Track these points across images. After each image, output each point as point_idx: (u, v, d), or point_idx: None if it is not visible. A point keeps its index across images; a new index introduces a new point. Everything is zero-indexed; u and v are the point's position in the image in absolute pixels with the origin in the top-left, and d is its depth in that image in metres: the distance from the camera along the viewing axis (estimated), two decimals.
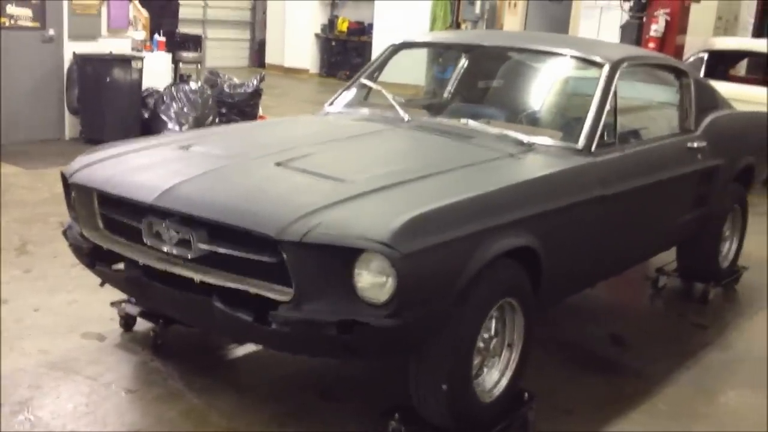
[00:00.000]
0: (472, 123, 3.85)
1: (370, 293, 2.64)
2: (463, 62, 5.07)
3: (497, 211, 2.99)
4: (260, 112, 9.24)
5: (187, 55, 10.51)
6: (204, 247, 2.83)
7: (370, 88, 4.42)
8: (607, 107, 3.77)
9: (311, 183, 2.95)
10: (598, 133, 3.68)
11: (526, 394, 3.29)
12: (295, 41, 17.01)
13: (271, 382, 3.56)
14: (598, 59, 3.96)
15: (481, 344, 3.05)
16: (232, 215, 2.74)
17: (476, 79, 4.95)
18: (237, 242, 2.77)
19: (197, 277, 2.84)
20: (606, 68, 3.89)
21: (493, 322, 3.12)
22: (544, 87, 4.36)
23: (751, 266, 5.40)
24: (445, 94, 5.14)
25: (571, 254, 3.47)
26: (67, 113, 8.33)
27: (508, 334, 3.20)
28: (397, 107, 4.03)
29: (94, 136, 8.15)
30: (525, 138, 3.66)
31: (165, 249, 2.92)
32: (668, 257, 5.01)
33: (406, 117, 3.97)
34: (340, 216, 2.70)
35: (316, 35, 17.14)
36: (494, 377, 3.16)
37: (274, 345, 3.02)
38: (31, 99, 8.03)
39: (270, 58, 17.53)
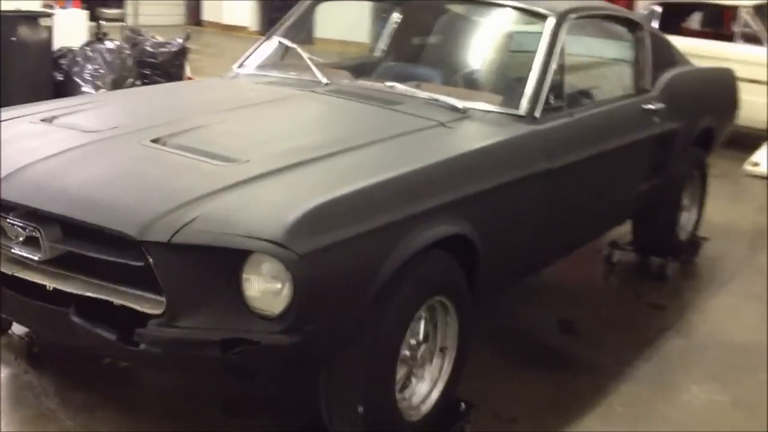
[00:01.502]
0: (399, 86, 3.32)
1: (262, 303, 2.12)
2: (395, 17, 4.53)
3: (422, 195, 2.48)
4: (188, 73, 8.56)
5: (107, 11, 9.71)
6: (57, 246, 2.28)
7: (287, 48, 3.86)
8: (553, 66, 3.27)
9: (191, 165, 2.40)
10: (543, 96, 3.18)
11: (463, 405, 2.82)
12: None
13: (165, 396, 3.04)
14: (541, 11, 3.43)
15: (406, 352, 2.56)
16: (83, 209, 2.19)
17: (409, 36, 4.41)
18: (96, 241, 2.22)
19: (49, 283, 2.29)
20: (551, 21, 3.37)
21: (422, 324, 2.63)
22: (482, 44, 3.84)
23: (712, 236, 5.00)
24: (377, 53, 4.61)
25: (513, 239, 2.99)
26: None
27: (440, 337, 2.71)
28: (314, 69, 3.47)
29: (2, 100, 7.42)
30: (459, 103, 3.14)
31: (14, 249, 2.36)
32: (623, 230, 4.58)
33: (324, 80, 3.42)
34: (224, 207, 2.16)
35: None
36: (424, 390, 2.68)
37: (148, 366, 2.50)
38: None
39: (207, 14, 16.67)
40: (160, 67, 8.06)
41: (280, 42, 3.79)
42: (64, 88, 7.51)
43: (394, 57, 4.46)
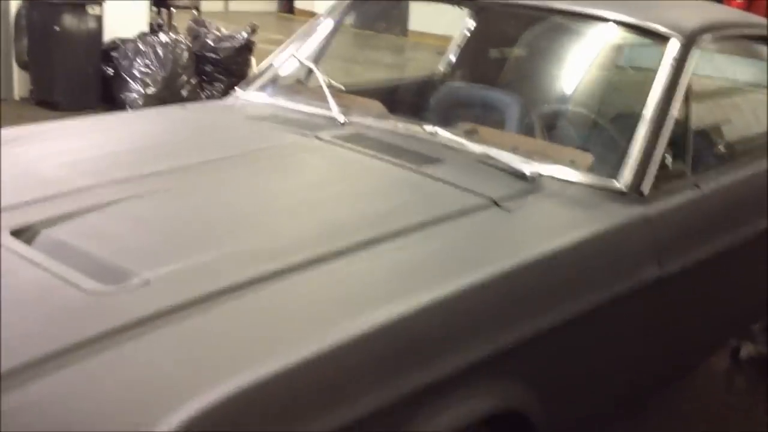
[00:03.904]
0: (442, 134, 2.29)
1: None
2: (468, 24, 3.50)
3: (447, 347, 1.48)
4: (255, 70, 7.71)
5: None
6: None
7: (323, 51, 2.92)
8: (674, 113, 2.18)
9: (49, 286, 1.45)
10: (655, 162, 2.10)
11: None
12: None
13: None
14: (661, 29, 2.33)
15: None
16: None
17: (482, 51, 3.37)
18: None
19: None
20: (674, 44, 2.27)
21: None
22: (571, 72, 2.74)
23: None
24: (442, 66, 3.60)
25: (593, 394, 1.93)
26: (16, 68, 6.94)
27: None
28: (331, 101, 2.48)
29: (45, 96, 6.77)
30: (526, 166, 2.09)
31: None
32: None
33: (341, 118, 2.43)
34: (66, 385, 1.22)
35: None
36: None
37: None
38: None
39: (300, 2, 15.88)
40: (221, 63, 7.26)
41: (295, 58, 2.81)
42: (115, 85, 6.81)
43: (461, 74, 3.44)
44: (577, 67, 2.79)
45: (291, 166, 2.14)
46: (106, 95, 6.83)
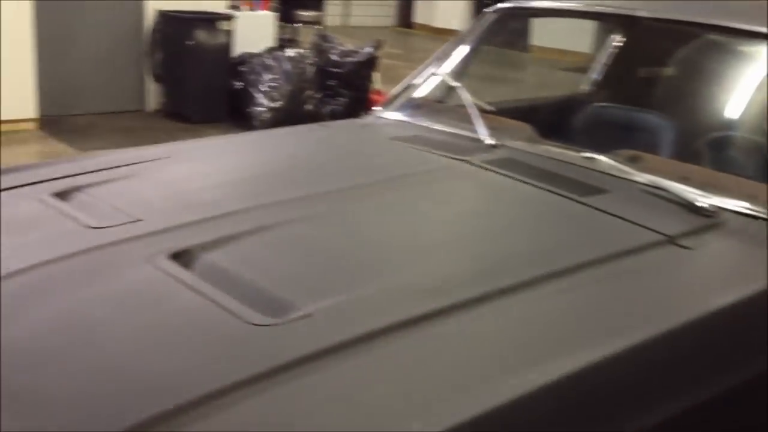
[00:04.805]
0: (602, 161, 2.12)
1: None
2: (615, 40, 3.30)
3: (628, 403, 1.34)
4: (377, 85, 7.69)
5: (304, 14, 9.06)
6: None
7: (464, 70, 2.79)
8: None
9: (213, 316, 1.37)
10: None
11: None
12: None
13: None
14: None
15: None
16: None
17: (632, 69, 3.16)
18: None
19: None
20: None
21: None
22: (738, 94, 2.51)
23: None
24: (585, 86, 3.41)
25: None
26: (149, 81, 7.15)
27: None
28: (478, 123, 2.35)
29: (175, 109, 6.97)
30: (703, 199, 1.90)
31: None
32: None
33: (490, 141, 2.29)
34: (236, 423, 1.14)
35: None
36: None
37: None
38: (106, 64, 6.87)
39: (419, 16, 15.87)
40: (345, 78, 7.26)
41: (438, 76, 2.70)
42: (241, 98, 6.91)
43: (608, 94, 3.24)
44: (744, 89, 2.56)
45: (443, 193, 2.02)
46: (233, 108, 6.95)
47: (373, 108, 2.80)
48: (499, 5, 2.83)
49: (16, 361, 1.29)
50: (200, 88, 6.80)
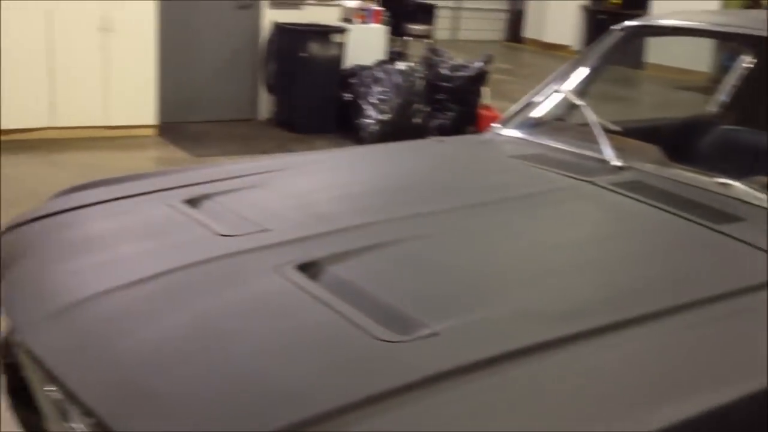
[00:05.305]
0: (737, 187, 2.03)
1: None
2: (745, 60, 3.18)
3: None
4: (486, 100, 7.64)
5: (414, 27, 9.11)
6: None
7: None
8: None
9: (340, 328, 1.38)
10: None
11: None
12: (559, 12, 15.01)
13: None
14: None
15: None
16: (116, 411, 1.25)
17: (759, 94, 3.02)
18: None
19: None
20: None
21: None
22: None
23: None
24: (711, 107, 3.29)
25: None
26: (262, 91, 7.33)
27: None
28: (603, 143, 2.29)
29: (286, 119, 7.10)
30: None
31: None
32: None
33: (616, 162, 2.23)
34: None
35: (583, 7, 15.02)
36: None
37: None
38: (222, 73, 7.09)
39: (528, 31, 15.72)
40: (454, 92, 7.24)
41: (561, 93, 2.65)
42: (350, 110, 6.99)
43: (738, 117, 3.11)
44: None
45: (568, 214, 1.97)
46: (341, 119, 7.03)
47: (492, 125, 2.77)
48: (627, 23, 2.76)
49: (152, 363, 1.33)
50: (311, 98, 6.92)
